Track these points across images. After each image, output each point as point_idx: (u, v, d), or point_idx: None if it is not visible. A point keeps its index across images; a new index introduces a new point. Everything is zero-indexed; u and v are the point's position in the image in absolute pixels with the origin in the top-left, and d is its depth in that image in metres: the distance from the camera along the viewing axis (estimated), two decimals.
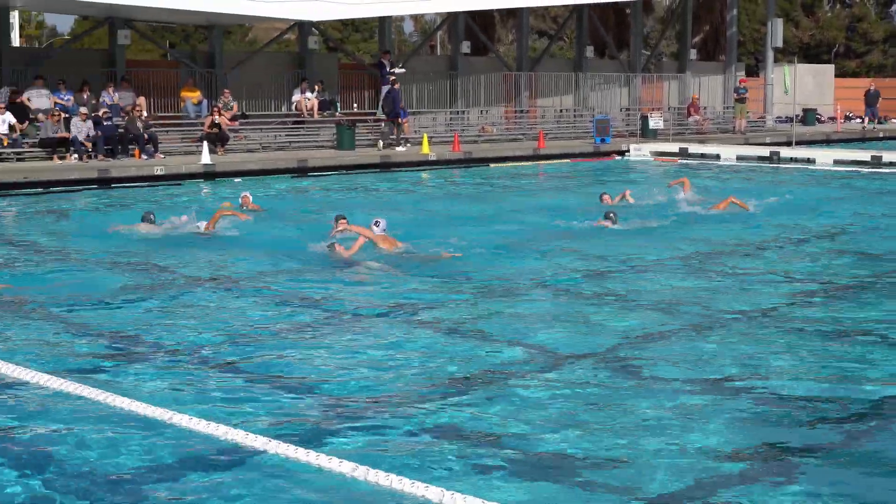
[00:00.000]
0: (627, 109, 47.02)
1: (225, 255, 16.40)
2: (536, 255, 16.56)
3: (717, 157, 36.30)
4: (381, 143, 35.51)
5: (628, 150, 37.78)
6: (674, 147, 37.74)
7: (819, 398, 9.06)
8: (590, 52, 46.81)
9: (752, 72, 62.18)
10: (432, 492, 6.12)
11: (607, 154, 37.65)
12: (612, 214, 19.12)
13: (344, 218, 17.30)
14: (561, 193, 26.79)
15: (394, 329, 11.63)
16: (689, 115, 45.88)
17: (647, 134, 40.94)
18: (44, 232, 19.84)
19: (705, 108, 47.95)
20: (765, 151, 36.60)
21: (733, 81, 50.06)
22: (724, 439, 7.96)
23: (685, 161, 35.88)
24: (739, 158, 35.95)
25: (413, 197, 26.60)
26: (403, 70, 38.44)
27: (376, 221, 16.47)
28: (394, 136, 35.83)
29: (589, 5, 46.22)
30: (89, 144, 29.26)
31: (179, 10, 33.21)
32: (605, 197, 22.29)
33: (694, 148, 37.66)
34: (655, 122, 41.72)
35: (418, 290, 13.76)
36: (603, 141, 38.49)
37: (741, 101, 45.54)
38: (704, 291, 13.75)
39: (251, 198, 21.95)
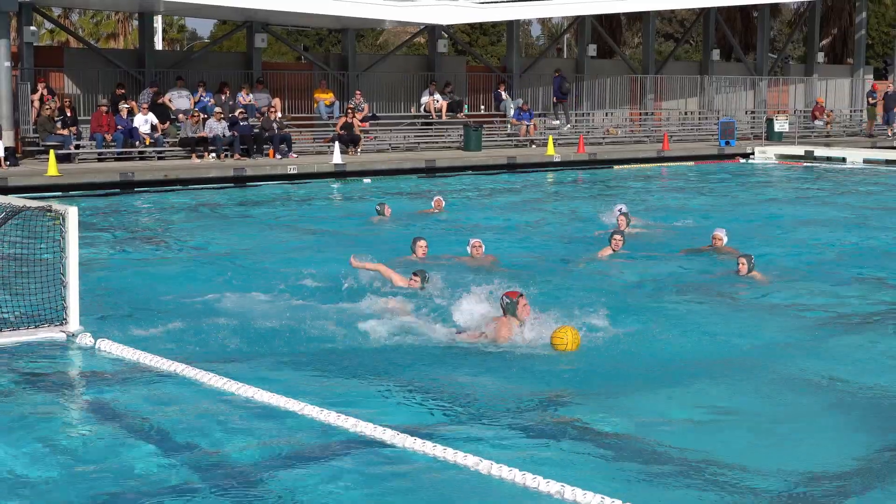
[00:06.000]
0: (753, 112, 46.89)
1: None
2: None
3: (843, 160, 36.12)
4: (569, 126, 36.70)
5: (753, 153, 37.77)
6: (799, 150, 37.60)
7: None
8: (716, 55, 46.76)
9: (881, 75, 61.34)
10: (553, 486, 6.56)
11: (732, 157, 37.72)
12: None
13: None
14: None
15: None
16: (815, 118, 45.60)
17: (772, 137, 40.83)
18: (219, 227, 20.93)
19: (831, 111, 47.48)
20: (893, 155, 36.34)
21: (861, 84, 49.57)
22: None
23: (810, 164, 35.82)
24: (866, 161, 35.74)
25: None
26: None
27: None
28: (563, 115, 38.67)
29: (716, 8, 46.24)
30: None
31: (314, 14, 34.18)
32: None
33: (820, 151, 37.50)
34: (781, 124, 41.57)
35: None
36: (728, 143, 38.54)
37: (874, 105, 45.17)
38: None
39: (444, 202, 22.44)
